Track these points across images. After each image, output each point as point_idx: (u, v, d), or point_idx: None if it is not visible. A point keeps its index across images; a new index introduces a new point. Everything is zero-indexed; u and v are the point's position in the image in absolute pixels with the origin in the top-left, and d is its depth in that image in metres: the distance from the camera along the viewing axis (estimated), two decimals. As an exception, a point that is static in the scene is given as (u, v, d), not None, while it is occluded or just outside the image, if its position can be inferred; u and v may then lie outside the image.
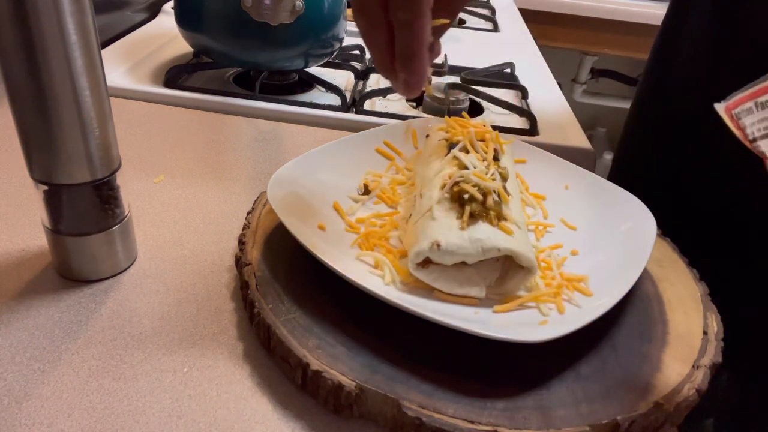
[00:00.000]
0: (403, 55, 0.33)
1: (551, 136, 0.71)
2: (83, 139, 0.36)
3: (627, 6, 1.62)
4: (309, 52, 0.72)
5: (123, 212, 0.41)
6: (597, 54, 1.78)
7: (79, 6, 0.33)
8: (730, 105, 0.28)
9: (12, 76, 0.33)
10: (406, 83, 0.34)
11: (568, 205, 0.50)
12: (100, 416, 0.32)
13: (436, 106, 0.75)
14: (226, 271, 0.44)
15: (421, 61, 0.33)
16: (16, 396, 0.33)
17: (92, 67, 0.35)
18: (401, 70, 0.34)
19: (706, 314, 0.40)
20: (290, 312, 0.37)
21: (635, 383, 0.35)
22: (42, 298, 0.40)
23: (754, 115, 0.28)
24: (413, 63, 0.33)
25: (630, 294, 0.39)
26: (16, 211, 0.48)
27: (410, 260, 0.38)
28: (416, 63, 0.33)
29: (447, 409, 0.32)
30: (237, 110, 0.70)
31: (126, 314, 0.39)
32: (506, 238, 0.38)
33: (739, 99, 0.28)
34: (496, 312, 0.38)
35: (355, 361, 0.34)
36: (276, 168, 0.46)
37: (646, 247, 0.42)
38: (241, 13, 0.65)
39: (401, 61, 0.33)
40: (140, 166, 0.56)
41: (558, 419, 0.32)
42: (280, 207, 0.42)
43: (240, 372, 0.36)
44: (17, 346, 0.36)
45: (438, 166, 0.44)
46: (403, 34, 0.32)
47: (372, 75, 0.84)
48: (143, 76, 0.75)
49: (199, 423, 0.32)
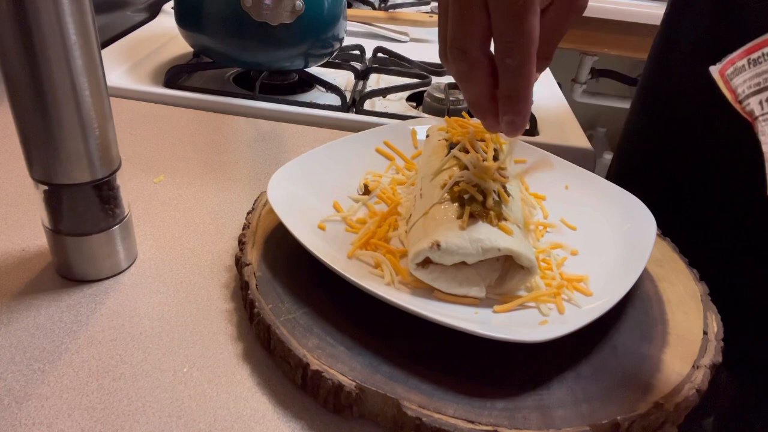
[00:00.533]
0: (511, 98, 0.34)
1: (551, 136, 0.71)
2: (83, 139, 0.36)
3: (627, 6, 1.62)
4: (309, 52, 0.72)
5: (123, 212, 0.41)
6: (597, 54, 1.78)
7: (79, 6, 0.33)
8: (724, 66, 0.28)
9: (12, 77, 0.33)
10: (512, 123, 0.35)
11: (568, 205, 0.50)
12: (100, 416, 0.32)
13: (436, 106, 0.75)
14: (226, 271, 0.44)
15: (528, 102, 0.34)
16: (16, 396, 0.33)
17: (92, 67, 0.35)
18: (507, 112, 0.35)
19: (706, 314, 0.40)
20: (290, 312, 0.37)
21: (635, 383, 0.35)
22: (42, 298, 0.40)
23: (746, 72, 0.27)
24: (521, 105, 0.34)
25: (630, 294, 0.39)
26: (16, 211, 0.48)
27: (410, 260, 0.38)
28: (524, 105, 0.34)
29: (447, 409, 0.32)
30: (237, 110, 0.70)
31: (126, 314, 0.39)
32: (506, 238, 0.38)
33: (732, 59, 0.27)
34: (496, 312, 0.38)
35: (355, 361, 0.34)
36: (276, 168, 0.46)
37: (646, 247, 0.42)
38: (241, 13, 0.65)
39: (508, 104, 0.34)
40: (140, 166, 0.56)
41: (558, 419, 0.32)
42: (280, 207, 0.42)
43: (240, 372, 0.36)
44: (17, 346, 0.36)
45: (438, 166, 0.44)
46: (512, 78, 0.33)
47: (372, 75, 0.84)
48: (143, 76, 0.75)
49: (199, 423, 0.32)
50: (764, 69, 0.26)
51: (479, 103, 0.36)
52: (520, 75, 0.33)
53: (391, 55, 0.91)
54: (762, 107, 0.26)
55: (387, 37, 1.04)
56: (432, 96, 0.75)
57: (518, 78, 0.33)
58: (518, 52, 0.32)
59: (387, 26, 1.06)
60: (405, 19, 1.05)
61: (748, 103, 0.27)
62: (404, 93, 0.81)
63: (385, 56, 0.92)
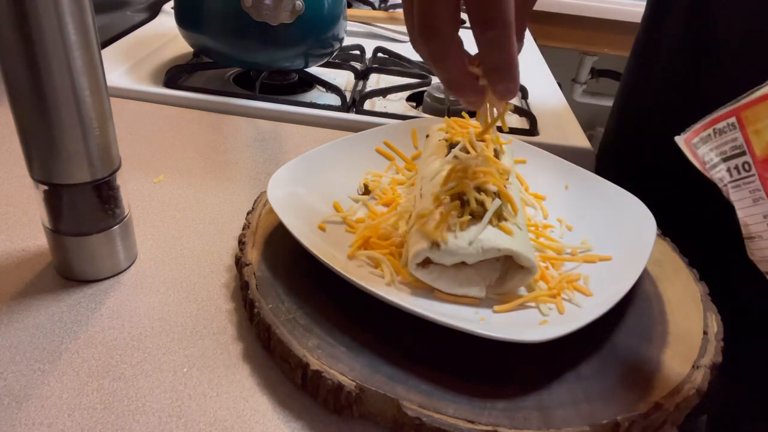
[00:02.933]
0: (500, 69, 0.33)
1: (551, 136, 0.71)
2: (83, 139, 0.36)
3: (627, 6, 1.62)
4: (309, 52, 0.72)
5: (123, 212, 0.41)
6: (597, 54, 1.78)
7: (79, 6, 0.33)
8: (689, 136, 0.29)
9: (12, 76, 0.33)
10: (507, 90, 0.35)
11: (568, 205, 0.50)
12: (100, 416, 0.32)
13: (436, 106, 0.75)
14: (225, 271, 0.44)
15: (517, 66, 0.33)
16: (16, 396, 0.33)
17: (92, 67, 0.35)
18: (499, 82, 0.34)
19: (706, 314, 0.40)
20: (290, 312, 0.37)
21: (635, 383, 0.35)
22: (42, 298, 0.40)
23: (711, 142, 0.28)
24: (512, 72, 0.33)
25: (630, 294, 0.39)
26: (16, 211, 0.48)
27: (410, 260, 0.38)
28: (515, 70, 0.34)
29: (447, 409, 0.32)
30: (237, 110, 0.70)
31: (126, 314, 0.39)
32: (506, 239, 0.38)
33: (697, 129, 0.29)
34: (496, 312, 0.38)
35: (355, 361, 0.34)
36: (276, 168, 0.46)
37: (646, 247, 0.42)
38: (241, 13, 0.65)
39: (498, 76, 0.34)
40: (140, 166, 0.56)
41: (558, 419, 0.32)
42: (280, 207, 0.42)
43: (240, 372, 0.36)
44: (17, 346, 0.36)
45: (438, 166, 0.44)
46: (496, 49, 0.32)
47: (372, 75, 0.84)
48: (143, 76, 0.75)
49: (199, 423, 0.32)
50: (730, 138, 0.27)
51: (457, 81, 0.35)
52: (504, 44, 0.32)
53: (391, 55, 0.91)
54: (731, 174, 0.27)
55: (387, 37, 1.04)
56: (432, 96, 0.75)
57: (503, 47, 0.32)
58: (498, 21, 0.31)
59: (387, 26, 1.06)
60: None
61: (717, 171, 0.28)
62: (404, 93, 0.81)
63: (385, 56, 0.92)
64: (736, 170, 0.27)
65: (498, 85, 0.35)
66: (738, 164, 0.27)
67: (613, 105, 0.73)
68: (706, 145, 0.28)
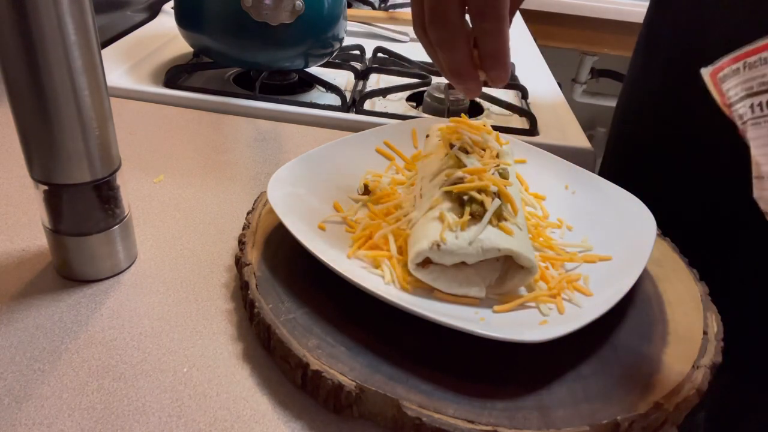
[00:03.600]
0: (494, 56, 0.38)
1: (551, 136, 0.71)
2: (83, 139, 0.36)
3: (627, 6, 1.62)
4: (309, 52, 0.72)
5: (123, 212, 0.41)
6: (597, 54, 1.78)
7: (79, 6, 0.33)
8: (716, 69, 0.28)
9: (12, 76, 0.33)
10: (498, 77, 0.39)
11: (568, 205, 0.50)
12: (100, 416, 0.32)
13: (436, 106, 0.75)
14: (225, 271, 0.44)
15: (508, 56, 0.38)
16: (16, 396, 0.33)
17: (92, 67, 0.35)
18: (492, 68, 0.39)
19: (706, 314, 0.40)
20: (290, 312, 0.37)
21: (635, 383, 0.35)
22: (42, 298, 0.40)
23: (740, 75, 0.27)
24: (504, 60, 0.38)
25: (630, 294, 0.39)
26: (16, 211, 0.48)
27: (410, 260, 0.38)
28: (506, 59, 0.38)
29: (447, 409, 0.32)
30: (237, 110, 0.70)
31: (126, 314, 0.39)
32: (506, 239, 0.38)
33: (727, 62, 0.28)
34: (496, 312, 0.38)
35: (355, 361, 0.34)
36: (276, 168, 0.46)
37: (646, 247, 0.42)
38: (241, 13, 0.65)
39: (491, 62, 0.38)
40: (140, 166, 0.56)
41: (558, 419, 0.32)
42: (280, 207, 0.42)
43: (240, 372, 0.36)
44: (17, 346, 0.36)
45: (438, 166, 0.44)
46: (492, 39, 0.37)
47: (372, 75, 0.84)
48: (143, 76, 0.75)
49: (199, 423, 0.32)
50: (759, 73, 0.26)
51: (460, 70, 0.39)
52: (499, 35, 0.37)
53: (391, 55, 0.91)
54: (753, 110, 0.27)
55: (387, 37, 1.04)
56: (432, 96, 0.75)
57: (497, 38, 0.37)
58: (494, 16, 0.36)
59: (387, 26, 1.06)
60: (405, 19, 1.05)
61: (738, 107, 0.28)
62: (404, 93, 0.81)
63: (385, 56, 0.92)
64: (759, 107, 0.27)
65: (491, 71, 0.39)
66: (762, 101, 0.26)
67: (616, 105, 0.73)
68: (733, 78, 0.27)
